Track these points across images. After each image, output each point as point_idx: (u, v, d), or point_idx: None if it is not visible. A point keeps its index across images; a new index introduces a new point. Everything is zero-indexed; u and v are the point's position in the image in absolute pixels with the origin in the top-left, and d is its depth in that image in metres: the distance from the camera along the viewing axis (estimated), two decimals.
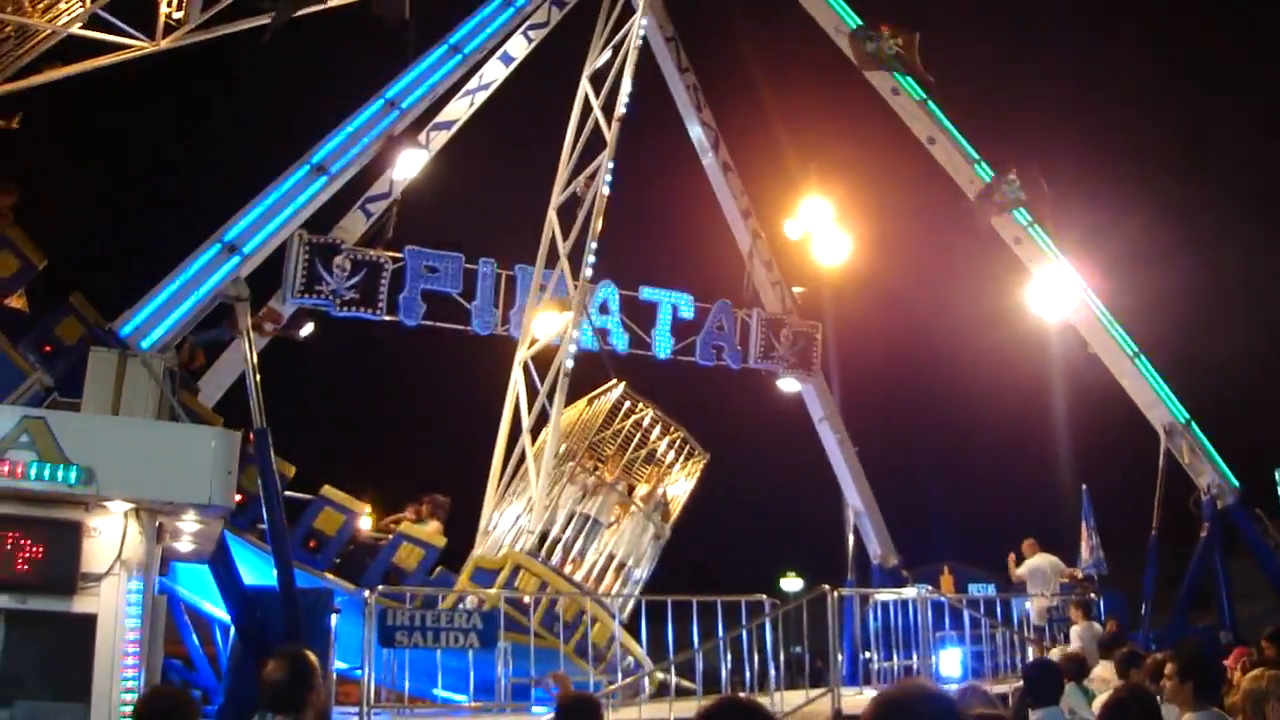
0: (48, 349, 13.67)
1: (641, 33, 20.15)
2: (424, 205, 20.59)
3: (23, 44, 16.94)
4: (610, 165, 19.22)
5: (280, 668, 5.97)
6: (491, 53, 19.09)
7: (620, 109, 19.52)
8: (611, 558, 17.11)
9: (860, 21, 20.55)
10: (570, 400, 18.14)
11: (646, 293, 20.97)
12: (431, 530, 16.86)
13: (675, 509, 18.52)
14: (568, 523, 16.95)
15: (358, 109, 15.66)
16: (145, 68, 17.64)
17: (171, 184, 34.12)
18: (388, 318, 18.86)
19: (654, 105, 23.99)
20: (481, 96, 20.40)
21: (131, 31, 17.10)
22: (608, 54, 20.73)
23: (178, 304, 13.46)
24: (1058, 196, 21.54)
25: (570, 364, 17.74)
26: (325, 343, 20.09)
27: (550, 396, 17.60)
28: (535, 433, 17.92)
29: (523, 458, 17.89)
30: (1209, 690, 7.56)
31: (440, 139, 20.03)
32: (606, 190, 18.97)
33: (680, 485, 18.59)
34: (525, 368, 18.94)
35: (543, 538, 16.54)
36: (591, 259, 18.61)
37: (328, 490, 16.06)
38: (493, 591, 14.85)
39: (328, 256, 18.24)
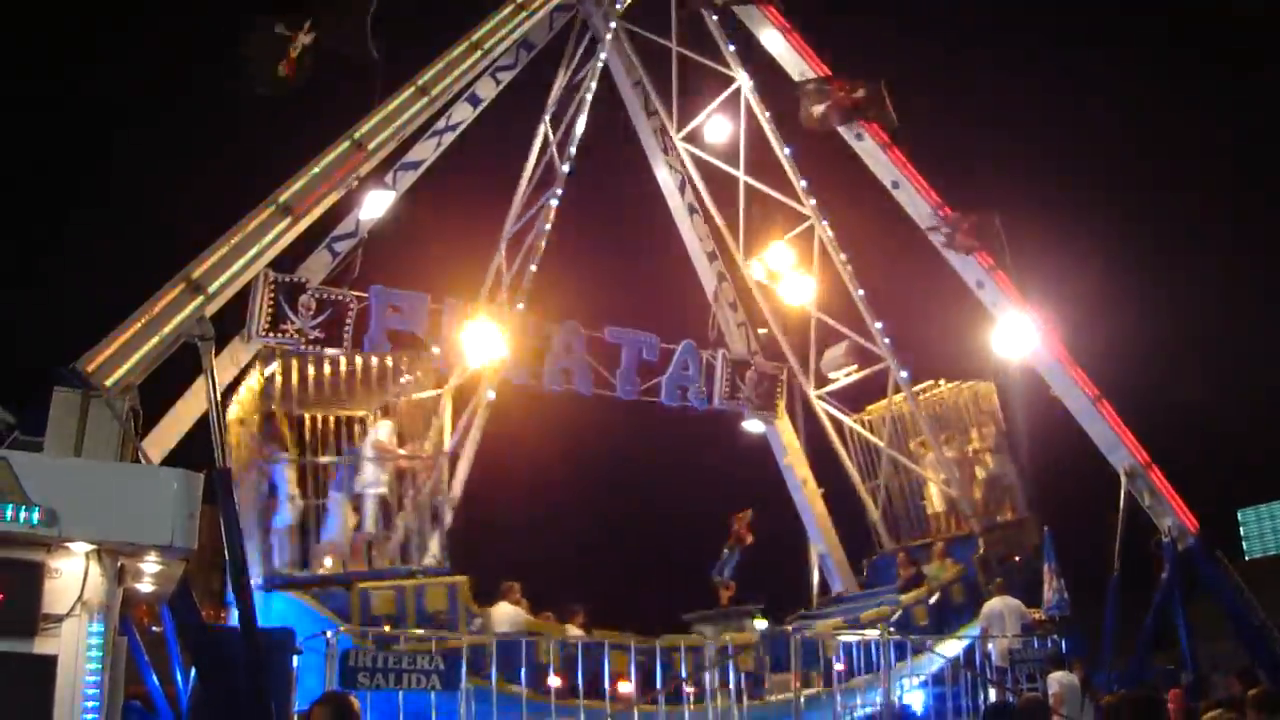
0: None
1: (600, 66, 21.69)
2: (390, 244, 20.59)
3: None
4: (555, 203, 20.96)
5: (325, 713, 6.16)
6: (459, 94, 19.22)
7: (571, 149, 20.96)
8: None
9: (819, 74, 20.92)
10: None
11: (611, 334, 21.03)
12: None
13: None
14: None
15: (324, 149, 15.69)
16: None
17: (136, 217, 34.02)
18: None
19: (622, 148, 24.17)
20: (449, 137, 20.42)
21: None
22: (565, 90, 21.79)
23: (141, 343, 13.39)
24: (1021, 241, 21.83)
25: None
26: None
27: None
28: None
29: None
30: None
31: (407, 179, 20.03)
32: (548, 226, 20.83)
33: None
34: None
35: None
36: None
37: None
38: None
39: (293, 295, 18.16)
